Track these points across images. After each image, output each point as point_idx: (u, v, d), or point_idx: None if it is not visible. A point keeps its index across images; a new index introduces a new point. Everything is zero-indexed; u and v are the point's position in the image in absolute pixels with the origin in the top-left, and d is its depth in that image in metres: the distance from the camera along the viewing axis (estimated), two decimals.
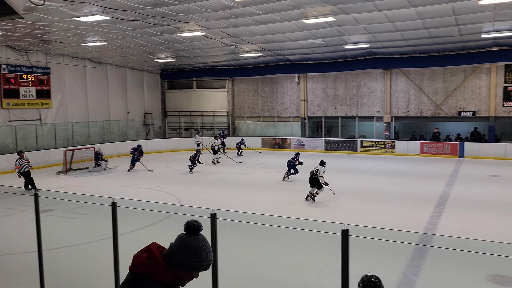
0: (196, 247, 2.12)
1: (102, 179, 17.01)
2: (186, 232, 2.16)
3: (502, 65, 22.14)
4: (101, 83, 25.96)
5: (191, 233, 2.15)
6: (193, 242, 2.12)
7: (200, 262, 2.12)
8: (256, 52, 23.61)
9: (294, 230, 4.72)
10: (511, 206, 11.49)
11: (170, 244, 2.16)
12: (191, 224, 2.16)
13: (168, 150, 26.86)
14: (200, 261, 2.12)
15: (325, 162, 12.72)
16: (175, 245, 2.14)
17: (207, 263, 2.15)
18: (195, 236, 2.15)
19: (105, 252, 7.84)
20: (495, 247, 5.50)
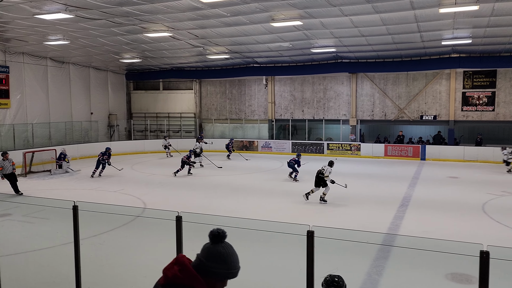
0: (226, 255, 2.12)
1: (63, 182, 16.47)
2: (211, 241, 2.15)
3: (461, 71, 23.07)
4: (63, 83, 25.17)
5: (216, 242, 2.15)
6: (222, 250, 2.13)
7: (230, 270, 2.13)
8: (224, 54, 23.56)
9: (260, 232, 4.72)
10: (468, 207, 11.95)
11: (196, 255, 2.16)
12: (216, 233, 2.15)
13: (133, 152, 26.34)
14: (230, 268, 2.13)
15: (334, 163, 12.94)
16: (203, 255, 2.14)
17: (236, 270, 2.17)
18: (222, 244, 2.15)
19: (66, 257, 7.59)
20: (454, 246, 5.69)
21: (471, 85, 22.98)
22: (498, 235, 9.35)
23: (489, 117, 22.83)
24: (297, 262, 7.15)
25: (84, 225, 5.07)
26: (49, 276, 7.02)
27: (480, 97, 22.88)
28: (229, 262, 2.13)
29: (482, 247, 2.48)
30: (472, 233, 9.46)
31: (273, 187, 15.23)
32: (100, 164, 17.67)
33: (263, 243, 8.24)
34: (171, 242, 4.53)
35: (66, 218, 5.25)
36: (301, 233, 3.08)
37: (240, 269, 2.10)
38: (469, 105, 23.14)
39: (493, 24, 16.18)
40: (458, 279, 6.72)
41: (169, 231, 4.55)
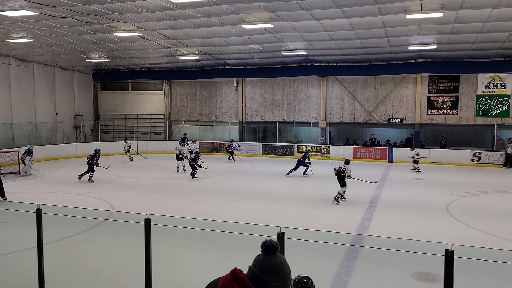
0: (280, 267, 2.09)
1: (26, 185, 15.89)
2: (264, 253, 2.11)
3: (426, 76, 23.80)
4: (27, 82, 24.31)
5: (270, 254, 2.11)
6: (276, 262, 2.11)
7: (285, 282, 2.10)
8: (194, 55, 23.38)
9: (231, 234, 4.68)
10: (433, 207, 12.30)
11: (248, 268, 2.13)
12: (269, 245, 2.12)
13: (101, 154, 25.67)
14: (285, 280, 2.10)
15: (350, 161, 13.56)
16: (258, 268, 2.10)
17: (290, 282, 2.14)
18: (275, 256, 2.11)
19: (29, 262, 7.30)
20: (420, 246, 5.83)
21: (436, 90, 23.74)
22: (461, 234, 9.67)
23: (453, 121, 23.64)
24: None
25: (49, 229, 4.90)
26: (11, 282, 6.73)
27: (444, 101, 23.66)
28: (284, 275, 2.10)
29: (447, 246, 2.54)
30: (437, 233, 9.73)
31: (245, 189, 15.21)
32: (92, 167, 16.59)
33: (233, 246, 8.19)
34: (139, 245, 4.43)
35: (29, 222, 5.05)
36: (272, 234, 3.06)
37: (214, 272, 2.08)
38: (434, 109, 23.89)
39: (456, 31, 16.78)
40: (423, 278, 6.89)
41: (138, 234, 4.44)
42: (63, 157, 24.00)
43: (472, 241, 8.85)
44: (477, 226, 10.22)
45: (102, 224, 9.72)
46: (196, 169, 17.08)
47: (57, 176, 17.80)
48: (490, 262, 3.17)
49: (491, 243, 8.89)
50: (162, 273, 5.98)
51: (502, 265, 3.70)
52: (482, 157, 21.98)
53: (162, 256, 7.22)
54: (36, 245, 4.89)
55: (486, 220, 10.99)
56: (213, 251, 8.10)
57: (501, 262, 3.80)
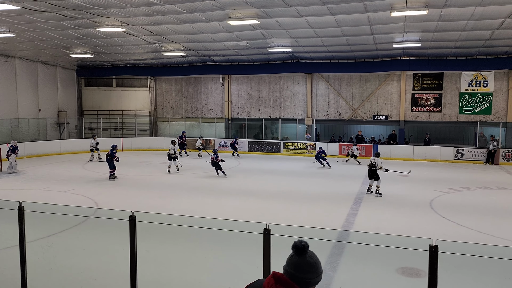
0: (315, 264, 2.22)
1: (8, 182, 15.60)
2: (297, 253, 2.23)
3: (410, 73, 24.06)
4: (8, 78, 23.83)
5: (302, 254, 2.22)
6: (311, 260, 2.22)
7: (320, 275, 2.23)
8: (180, 51, 23.21)
9: (217, 231, 4.67)
10: (417, 203, 12.46)
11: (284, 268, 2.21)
12: (301, 246, 2.23)
13: (84, 151, 25.36)
14: (319, 274, 2.23)
15: (380, 154, 14.42)
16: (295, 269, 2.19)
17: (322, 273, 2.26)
18: (308, 254, 2.23)
19: (11, 261, 7.17)
20: (405, 241, 5.90)
21: (420, 87, 24.03)
22: (444, 230, 9.80)
23: (437, 118, 23.96)
24: (254, 260, 7.16)
25: (31, 227, 4.81)
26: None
27: (428, 98, 23.96)
28: (319, 269, 2.22)
29: (431, 241, 2.57)
30: (421, 228, 9.87)
31: (231, 186, 15.19)
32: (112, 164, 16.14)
33: (219, 242, 8.18)
34: (124, 243, 4.38)
35: (10, 220, 4.96)
36: (258, 231, 3.06)
37: (198, 270, 2.07)
38: (418, 106, 24.18)
39: (440, 28, 16.99)
40: (408, 273, 6.97)
41: (122, 232, 4.40)
42: (47, 154, 23.63)
43: (455, 237, 9.00)
44: (460, 222, 10.39)
45: (87, 221, 9.60)
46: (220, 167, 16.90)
47: (41, 173, 17.52)
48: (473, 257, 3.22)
49: (474, 239, 9.05)
50: (147, 271, 5.93)
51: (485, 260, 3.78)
52: (465, 153, 22.34)
53: (147, 254, 7.17)
54: (18, 244, 4.80)
55: (469, 215, 11.17)
56: (199, 248, 8.07)
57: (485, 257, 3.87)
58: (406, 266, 7.13)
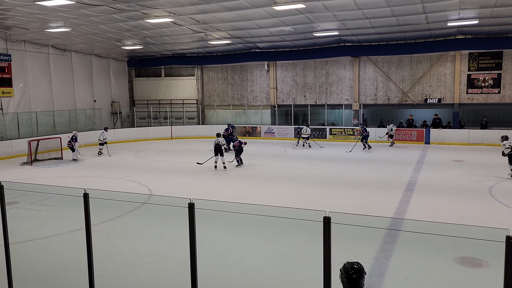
0: None
1: (69, 170, 16.52)
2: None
3: (466, 53, 22.82)
4: (65, 71, 25.06)
5: None
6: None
7: None
8: (225, 39, 23.34)
9: (272, 218, 4.71)
10: (473, 190, 11.92)
11: None
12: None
13: (136, 139, 26.35)
14: None
15: None
16: None
17: None
18: None
19: (75, 244, 7.64)
20: (462, 230, 5.67)
21: (477, 67, 22.76)
22: (505, 218, 9.34)
23: (495, 100, 22.66)
24: (312, 248, 7.16)
25: (93, 212, 5.07)
26: (59, 263, 7.07)
27: (485, 79, 22.68)
28: None
29: (508, 232, 2.45)
30: (479, 216, 9.45)
31: (278, 173, 15.23)
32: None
33: (274, 229, 8.25)
34: (179, 228, 4.52)
35: (74, 205, 5.24)
36: (316, 219, 3.05)
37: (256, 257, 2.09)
38: (474, 88, 22.95)
39: (500, 3, 15.91)
40: (468, 262, 6.73)
41: (179, 217, 4.53)
42: None
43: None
44: None
45: (142, 207, 9.99)
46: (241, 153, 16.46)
47: (97, 161, 18.39)
48: None
49: None
50: (206, 257, 6.11)
51: None
52: None
53: (205, 240, 7.36)
54: (84, 228, 5.07)
55: None
56: (256, 235, 8.19)
57: None
58: (466, 256, 6.88)
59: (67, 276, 6.47)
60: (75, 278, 6.32)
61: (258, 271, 6.59)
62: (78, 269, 6.32)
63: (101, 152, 20.22)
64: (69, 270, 6.68)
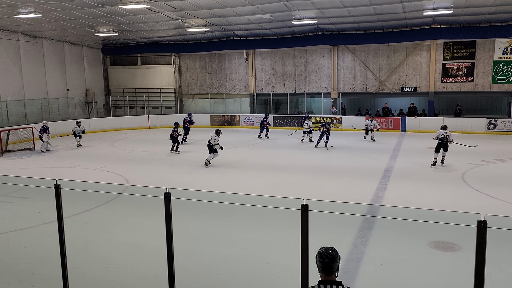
0: None
1: (42, 161, 16.09)
2: None
3: (441, 42, 23.17)
4: (36, 58, 24.29)
5: None
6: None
7: None
8: (203, 27, 23.02)
9: (249, 207, 4.67)
10: (449, 176, 12.19)
11: None
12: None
13: (113, 129, 25.89)
14: None
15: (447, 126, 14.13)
16: None
17: None
18: None
19: (48, 237, 7.43)
20: (436, 215, 5.78)
21: (451, 56, 23.16)
22: (477, 203, 9.57)
23: (468, 88, 23.14)
24: (290, 236, 7.18)
25: (66, 203, 4.93)
26: (31, 256, 6.88)
27: (459, 68, 23.11)
28: None
29: (479, 216, 2.47)
30: (453, 202, 9.66)
31: (258, 162, 15.22)
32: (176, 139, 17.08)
33: (252, 218, 8.24)
34: (156, 218, 4.45)
35: (47, 197, 5.09)
36: (295, 207, 3.02)
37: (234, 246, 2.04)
38: (448, 76, 23.38)
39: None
40: (441, 247, 6.87)
41: (154, 208, 4.46)
42: None
43: (488, 210, 8.76)
44: (494, 195, 10.12)
45: (118, 198, 9.82)
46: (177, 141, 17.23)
47: (72, 152, 17.99)
48: None
49: (509, 212, 8.81)
50: (183, 246, 6.04)
51: None
52: (498, 124, 21.61)
53: (182, 230, 7.29)
54: (57, 220, 4.93)
55: (503, 188, 10.86)
56: (234, 224, 8.16)
57: None
58: (440, 240, 7.03)
59: (40, 269, 6.31)
60: (48, 271, 6.16)
61: (236, 259, 6.57)
62: (51, 262, 6.16)
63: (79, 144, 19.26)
64: (41, 263, 6.51)
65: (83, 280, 5.77)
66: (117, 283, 5.90)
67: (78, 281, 5.66)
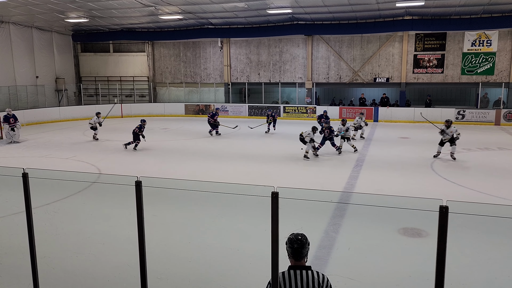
0: None
1: (10, 150, 15.62)
2: None
3: (413, 34, 23.60)
4: (3, 44, 23.41)
5: None
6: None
7: None
8: (177, 14, 22.67)
9: (222, 195, 4.69)
10: (418, 165, 12.52)
11: None
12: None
13: (84, 117, 25.25)
14: None
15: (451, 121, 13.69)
16: None
17: None
18: None
19: (17, 227, 7.28)
20: (404, 202, 5.95)
21: (422, 48, 23.64)
22: (445, 191, 9.89)
23: (438, 79, 23.72)
24: (261, 223, 7.26)
25: (36, 193, 4.82)
26: (0, 246, 6.72)
27: (430, 59, 23.63)
28: None
29: (441, 202, 2.57)
30: (422, 190, 9.95)
31: (232, 151, 15.22)
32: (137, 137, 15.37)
33: (225, 206, 8.27)
34: (129, 207, 4.41)
35: (14, 187, 4.97)
36: (266, 194, 3.05)
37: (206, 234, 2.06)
38: (420, 67, 23.87)
39: None
40: (409, 233, 7.08)
41: (128, 196, 4.42)
42: (46, 121, 23.57)
43: (456, 197, 9.07)
44: (461, 183, 10.47)
45: (91, 187, 9.67)
46: None
47: (42, 141, 17.52)
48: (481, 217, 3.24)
49: (476, 199, 9.14)
50: (155, 235, 6.02)
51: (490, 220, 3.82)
52: (466, 115, 22.27)
53: (154, 218, 7.25)
54: (25, 210, 4.82)
55: (470, 177, 11.25)
56: (206, 212, 8.16)
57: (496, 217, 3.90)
58: (408, 227, 7.24)
59: (8, 260, 6.18)
60: (17, 262, 6.04)
61: (208, 247, 6.60)
62: (20, 253, 6.03)
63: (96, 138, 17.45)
64: (10, 254, 6.37)
65: (52, 269, 5.68)
66: (88, 272, 5.84)
67: (47, 271, 5.57)
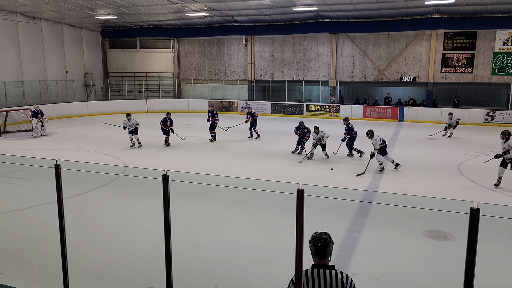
0: None
1: (40, 143, 16.11)
2: None
3: (442, 32, 23.09)
4: (35, 39, 24.10)
5: None
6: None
7: None
8: (202, 11, 22.84)
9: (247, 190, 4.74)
10: (444, 167, 12.28)
11: None
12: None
13: (111, 112, 25.85)
14: None
15: None
16: None
17: None
18: None
19: (47, 217, 7.52)
20: (430, 203, 5.85)
21: (451, 47, 23.10)
22: (472, 193, 9.69)
23: (467, 79, 23.14)
24: (286, 220, 7.28)
25: (65, 184, 4.98)
26: (30, 235, 6.96)
27: (459, 58, 23.08)
28: None
29: (472, 204, 2.54)
30: (448, 192, 9.77)
31: (254, 148, 15.28)
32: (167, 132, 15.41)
33: (249, 202, 8.33)
34: (154, 201, 4.50)
35: (46, 178, 5.14)
36: (291, 191, 3.08)
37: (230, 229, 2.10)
38: (448, 67, 23.36)
39: None
40: (434, 236, 6.98)
41: (152, 190, 4.51)
42: (75, 115, 24.19)
43: (484, 200, 8.88)
44: (489, 186, 10.23)
45: (116, 180, 9.89)
46: None
47: (70, 134, 18.00)
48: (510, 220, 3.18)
49: (506, 203, 8.92)
50: (180, 229, 6.12)
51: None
52: (496, 116, 21.69)
53: (180, 212, 7.38)
54: (56, 200, 4.98)
55: None
56: (231, 207, 8.24)
57: None
58: (433, 229, 7.13)
59: (39, 248, 6.40)
60: (47, 250, 6.25)
61: (232, 242, 6.68)
62: (50, 241, 6.25)
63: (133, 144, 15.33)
64: (40, 242, 6.59)
65: (81, 258, 5.86)
66: (114, 262, 6.00)
67: (76, 260, 5.75)
